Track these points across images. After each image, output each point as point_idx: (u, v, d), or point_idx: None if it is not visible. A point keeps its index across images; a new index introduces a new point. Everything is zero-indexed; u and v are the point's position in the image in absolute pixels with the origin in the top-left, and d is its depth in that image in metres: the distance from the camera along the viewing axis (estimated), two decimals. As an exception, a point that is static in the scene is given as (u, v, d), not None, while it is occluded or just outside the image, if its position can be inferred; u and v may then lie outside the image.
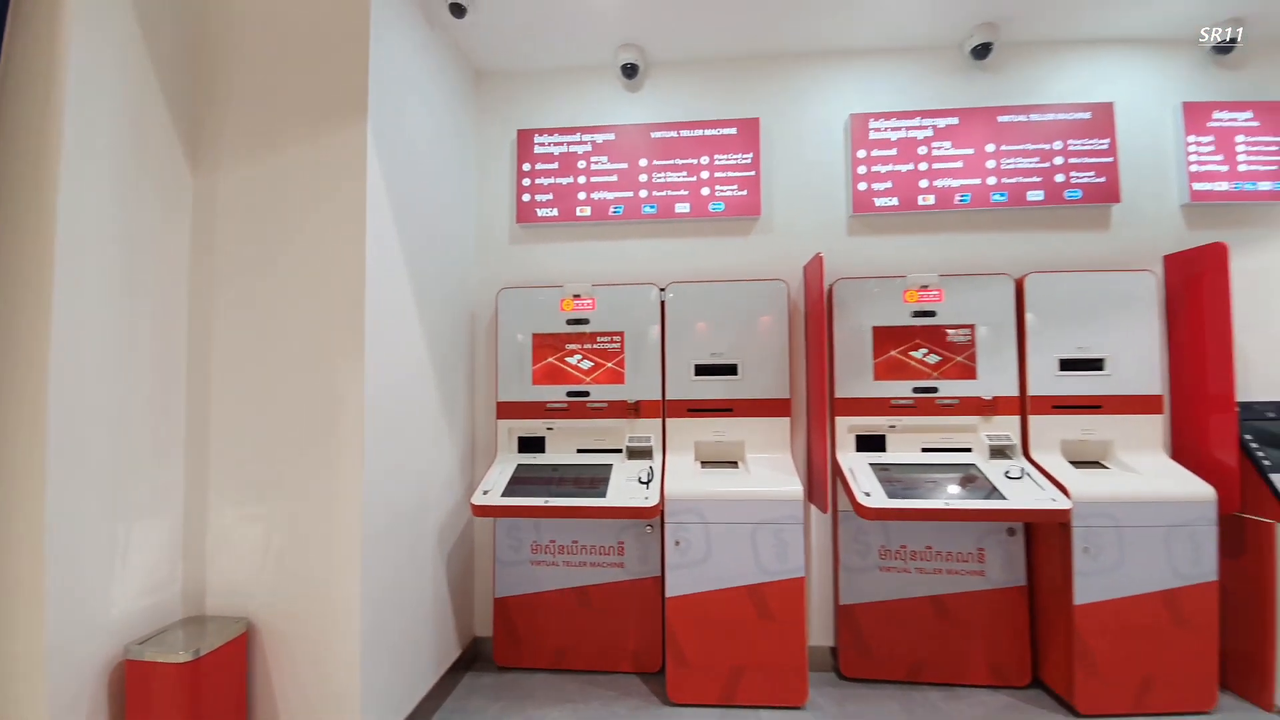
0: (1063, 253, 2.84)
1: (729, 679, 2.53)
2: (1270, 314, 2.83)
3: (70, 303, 1.71)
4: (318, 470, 2.06)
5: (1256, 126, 2.80)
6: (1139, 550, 2.40)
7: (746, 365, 2.85)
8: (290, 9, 2.16)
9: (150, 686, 1.82)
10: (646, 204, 2.97)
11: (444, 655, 2.68)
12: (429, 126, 2.59)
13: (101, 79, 1.83)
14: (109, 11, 1.86)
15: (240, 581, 2.10)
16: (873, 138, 2.89)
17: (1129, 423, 2.68)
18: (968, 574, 2.72)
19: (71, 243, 1.72)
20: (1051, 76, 2.89)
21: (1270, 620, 2.42)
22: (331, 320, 2.06)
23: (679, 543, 2.55)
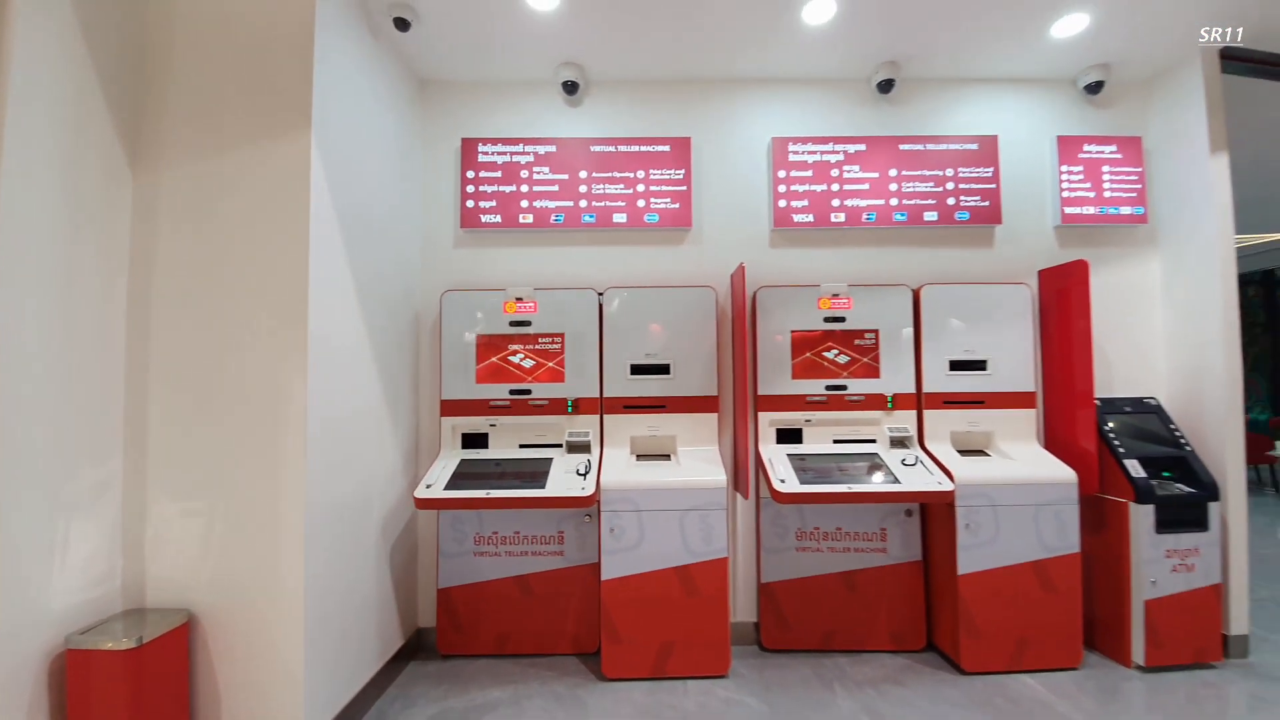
0: (953, 267, 3.21)
1: (659, 653, 2.75)
2: (1130, 322, 3.28)
3: (7, 298, 1.76)
4: (259, 466, 2.15)
5: (1120, 158, 3.24)
6: (1012, 526, 2.76)
7: (678, 365, 3.08)
8: (234, 20, 2.23)
9: (91, 674, 1.88)
10: (586, 213, 3.16)
11: (387, 644, 2.79)
12: (373, 133, 2.70)
13: (43, 78, 1.88)
14: (52, 14, 1.91)
15: (181, 575, 2.16)
16: (792, 159, 3.18)
17: (1007, 416, 3.06)
18: (872, 551, 3.03)
19: (9, 239, 1.77)
20: (946, 111, 3.26)
21: (1125, 587, 2.82)
22: (273, 320, 2.16)
23: (613, 529, 2.75)
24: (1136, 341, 3.26)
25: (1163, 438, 2.98)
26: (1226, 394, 2.91)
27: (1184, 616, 2.76)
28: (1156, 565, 2.75)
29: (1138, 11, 2.71)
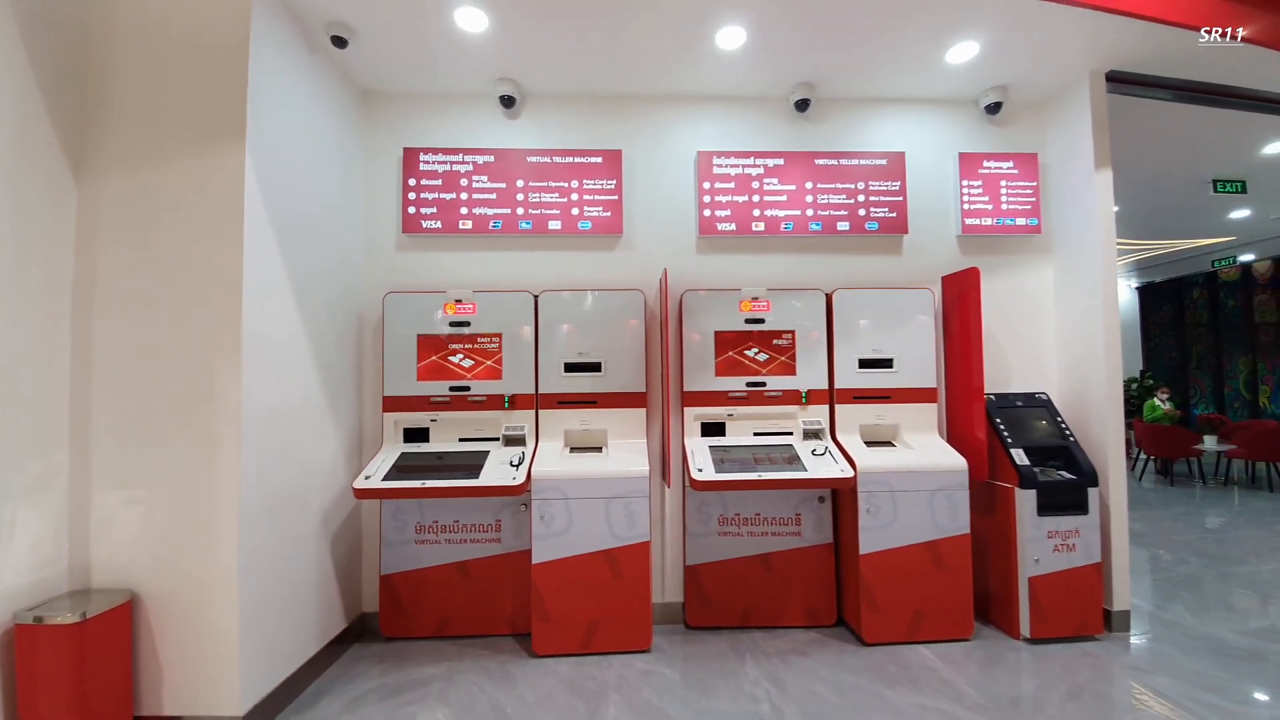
0: (864, 273, 3.47)
1: (586, 631, 2.96)
2: (1027, 324, 3.57)
3: (-43, 304, 1.91)
4: (196, 457, 2.31)
5: (1016, 173, 3.53)
6: (909, 510, 3.03)
7: (609, 363, 3.29)
8: (173, 36, 2.39)
9: (37, 648, 2.03)
10: (523, 220, 3.36)
11: (329, 626, 2.96)
12: (312, 142, 2.87)
13: None
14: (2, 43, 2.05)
15: (124, 558, 2.31)
16: (716, 172, 3.41)
17: (912, 410, 3.33)
18: (788, 535, 3.28)
19: (-41, 250, 1.92)
20: (858, 128, 3.52)
21: (1013, 565, 3.10)
22: (209, 319, 2.32)
23: (543, 516, 2.95)
24: (1032, 342, 3.55)
25: (1050, 429, 3.27)
26: (1107, 390, 3.20)
27: (1066, 592, 3.04)
28: (1039, 545, 3.03)
29: (1022, 41, 2.99)
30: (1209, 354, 14.44)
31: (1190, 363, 14.53)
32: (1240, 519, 5.63)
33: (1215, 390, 14.19)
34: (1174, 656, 2.88)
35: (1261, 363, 13.74)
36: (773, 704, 2.49)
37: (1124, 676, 2.70)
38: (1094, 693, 2.55)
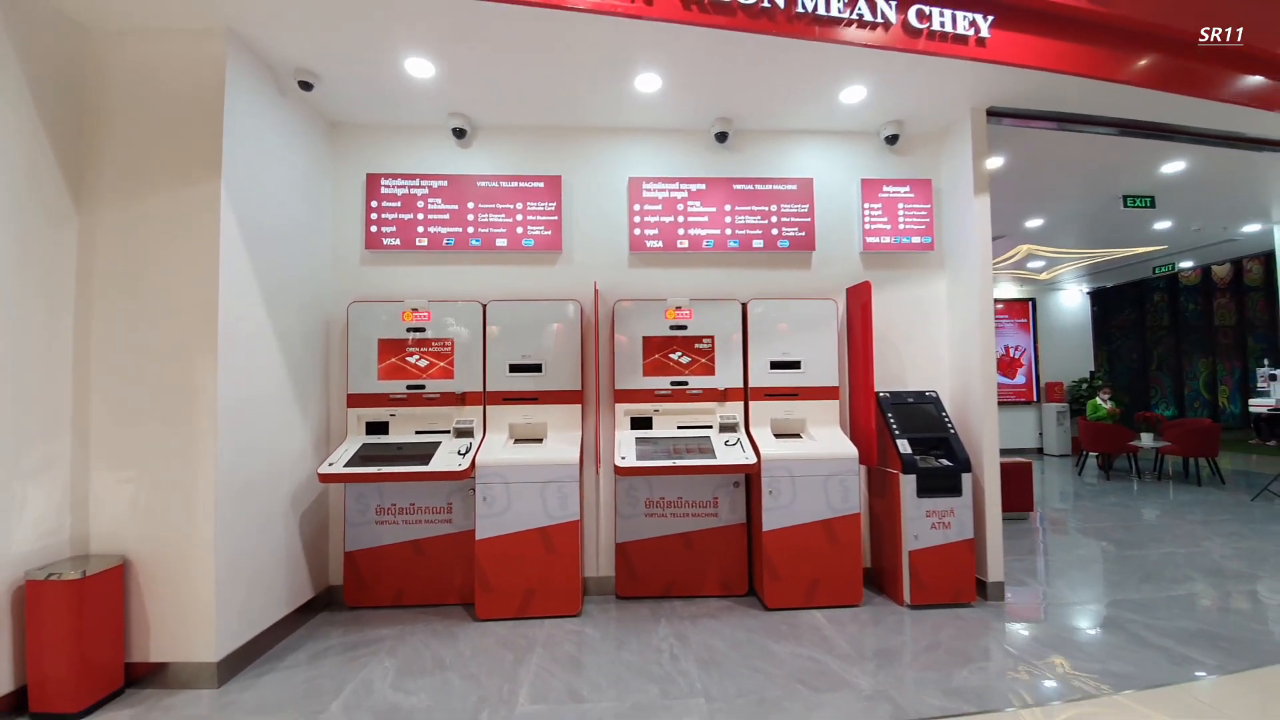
0: (776, 285, 3.92)
1: (523, 598, 3.39)
2: (923, 329, 4.02)
3: (-20, 316, 2.32)
4: (178, 444, 2.73)
5: (911, 197, 3.98)
6: (806, 492, 3.47)
7: (549, 364, 3.72)
8: (158, 83, 2.80)
9: (44, 601, 2.45)
10: (473, 238, 3.79)
11: (297, 594, 3.37)
12: (283, 171, 3.29)
13: (6, 143, 2.44)
14: (13, 93, 2.47)
15: (117, 529, 2.73)
16: (645, 195, 3.85)
17: (817, 406, 3.78)
18: (706, 516, 3.72)
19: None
20: (771, 157, 3.97)
21: (898, 541, 3.55)
22: (190, 327, 2.74)
23: (486, 498, 3.38)
24: (926, 346, 4.01)
25: (935, 423, 3.72)
26: (983, 388, 3.66)
27: (942, 564, 3.50)
28: (919, 523, 3.49)
29: (905, 85, 3.44)
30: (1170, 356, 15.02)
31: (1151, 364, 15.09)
32: (1161, 510, 6.10)
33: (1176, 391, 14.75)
34: (1034, 620, 3.34)
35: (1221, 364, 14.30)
36: (673, 654, 2.93)
37: (981, 635, 3.14)
38: (949, 647, 3.00)
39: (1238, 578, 3.98)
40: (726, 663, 2.83)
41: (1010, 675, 2.69)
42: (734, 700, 2.49)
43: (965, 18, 3.05)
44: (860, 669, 2.76)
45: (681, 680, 2.67)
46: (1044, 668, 2.76)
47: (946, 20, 3.02)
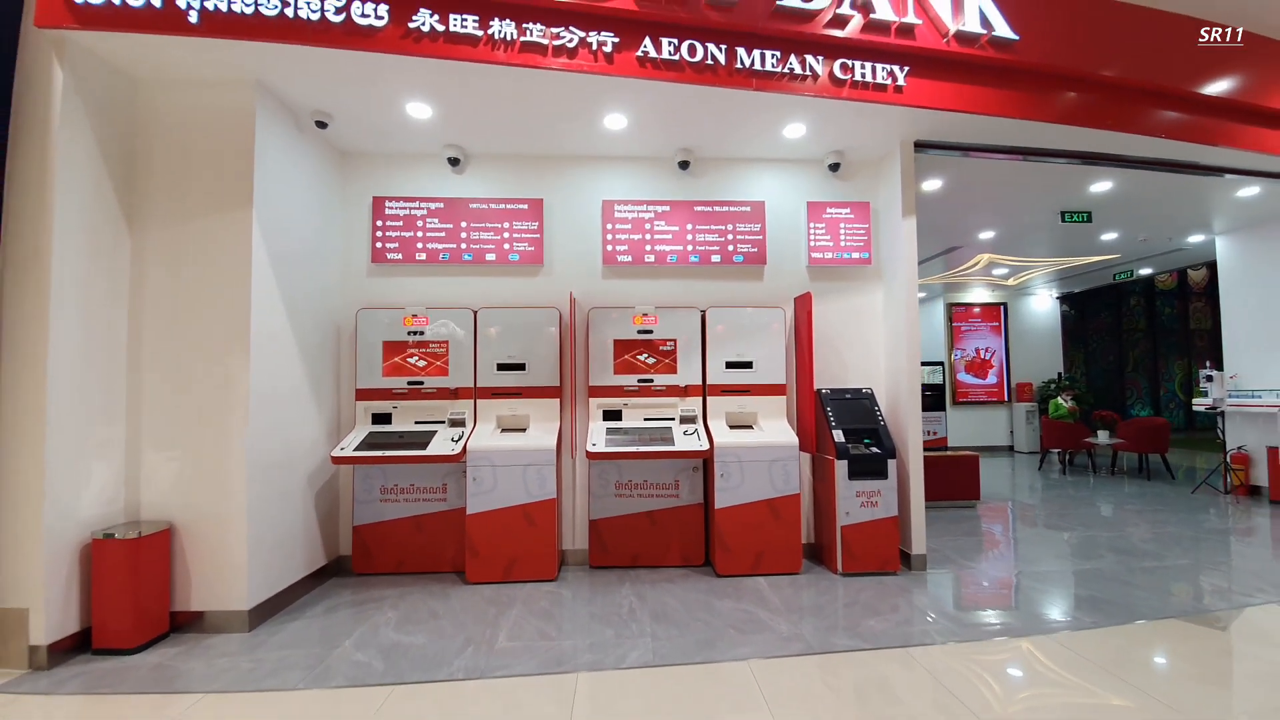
0: (732, 295, 4.46)
1: (507, 565, 3.92)
2: (862, 334, 4.55)
3: (57, 318, 2.87)
4: (215, 430, 3.26)
5: (852, 218, 4.52)
6: (753, 475, 4.00)
7: (532, 364, 4.26)
8: (198, 125, 3.33)
9: (107, 556, 2.98)
10: (466, 253, 4.32)
11: (312, 560, 3.91)
12: (302, 196, 3.83)
13: (75, 169, 2.97)
14: (80, 129, 3.00)
15: (164, 500, 3.26)
16: (617, 216, 4.39)
17: (767, 401, 4.31)
18: (668, 496, 4.25)
19: (58, 278, 2.87)
20: (728, 182, 4.51)
21: (833, 518, 4.08)
22: (225, 331, 3.27)
23: (475, 479, 3.91)
24: (865, 349, 4.54)
25: (868, 416, 4.26)
26: (909, 385, 4.19)
27: (870, 538, 4.03)
28: (850, 502, 4.02)
29: (839, 124, 3.97)
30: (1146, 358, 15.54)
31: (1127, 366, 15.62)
32: (1102, 500, 6.62)
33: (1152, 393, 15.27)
34: (945, 585, 3.88)
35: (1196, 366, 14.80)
36: (631, 609, 3.46)
37: (895, 595, 3.67)
38: (864, 604, 3.53)
39: (1144, 556, 4.51)
40: (675, 615, 3.37)
41: (909, 625, 3.22)
42: (675, 640, 3.03)
43: (884, 69, 3.59)
44: (785, 619, 3.29)
45: (635, 626, 3.21)
46: (941, 620, 3.29)
47: (867, 72, 3.56)
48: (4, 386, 2.87)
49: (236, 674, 2.76)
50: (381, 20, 3.00)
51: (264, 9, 2.91)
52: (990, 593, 3.77)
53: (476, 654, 2.90)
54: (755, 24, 3.36)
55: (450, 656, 2.88)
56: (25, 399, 2.84)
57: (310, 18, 2.95)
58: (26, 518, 2.83)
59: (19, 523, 2.84)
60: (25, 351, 2.85)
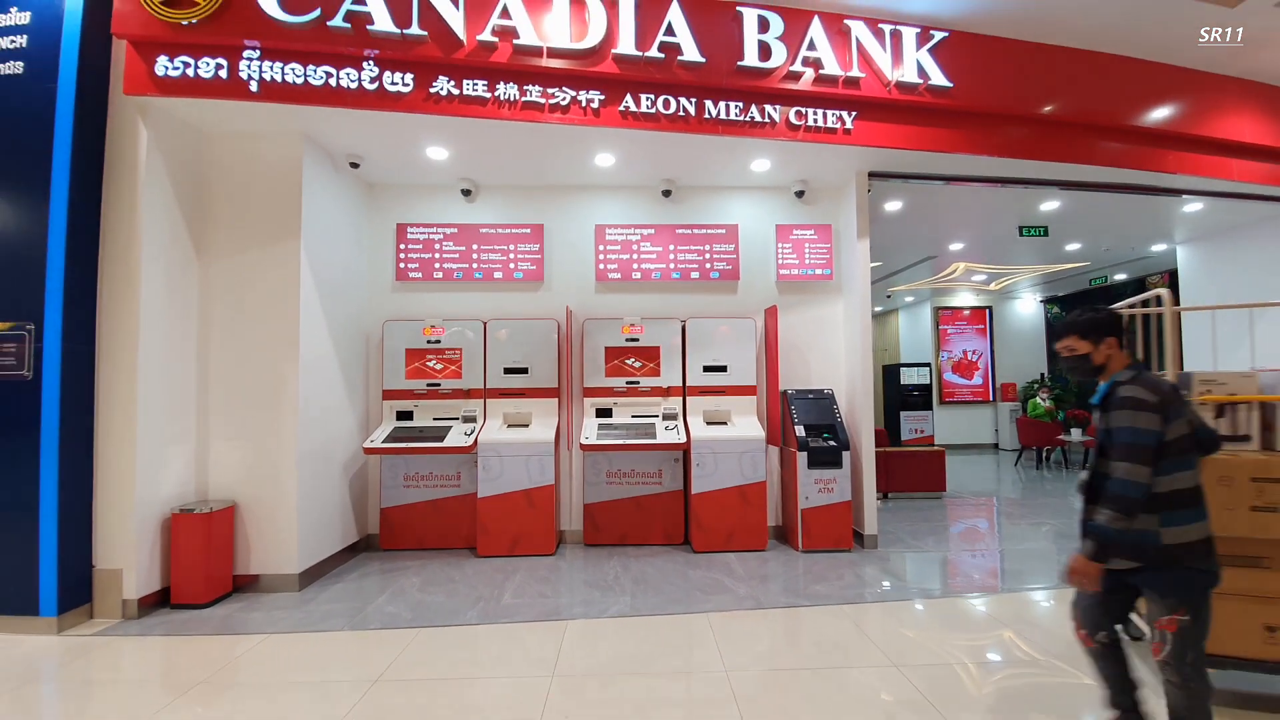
0: (709, 307, 5.08)
1: (512, 541, 4.56)
2: (825, 341, 5.15)
3: (144, 332, 3.54)
4: (270, 425, 3.93)
5: (816, 239, 5.12)
6: (725, 465, 4.62)
7: (534, 368, 4.89)
8: (254, 170, 4.00)
9: (185, 528, 3.65)
10: (476, 271, 4.97)
11: (346, 536, 4.58)
12: (338, 226, 4.50)
13: (156, 210, 3.65)
14: (159, 176, 3.67)
15: (228, 482, 3.93)
16: (608, 238, 5.02)
17: (739, 400, 4.92)
18: (653, 483, 4.88)
19: (146, 298, 3.55)
20: (706, 208, 5.12)
21: (794, 502, 4.68)
22: (278, 339, 3.94)
23: (486, 468, 4.56)
24: (828, 354, 5.14)
25: (827, 414, 4.85)
26: (863, 387, 4.78)
27: (826, 520, 4.63)
28: (809, 488, 4.62)
29: (799, 159, 4.57)
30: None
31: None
32: (1065, 493, 7.13)
33: (1143, 392, 15.60)
34: (890, 560, 4.47)
35: (1186, 367, 15.13)
36: (616, 576, 4.09)
37: (843, 567, 4.27)
38: (815, 573, 4.13)
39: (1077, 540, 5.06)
40: (653, 580, 4.00)
41: (848, 589, 3.82)
42: (649, 599, 3.66)
43: (833, 114, 4.18)
44: (745, 584, 3.91)
45: (617, 588, 3.84)
46: (876, 586, 3.89)
47: (819, 117, 4.15)
48: (102, 389, 3.54)
49: (291, 621, 3.43)
50: (408, 87, 3.64)
51: (312, 79, 3.56)
52: (926, 566, 4.36)
53: (486, 607, 3.55)
54: (720, 80, 3.97)
55: (465, 609, 3.52)
56: (120, 399, 3.51)
57: (350, 85, 3.60)
58: (121, 496, 3.51)
59: (115, 500, 3.51)
60: (121, 360, 3.53)
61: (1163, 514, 1.82)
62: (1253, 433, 2.36)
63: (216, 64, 3.49)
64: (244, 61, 3.51)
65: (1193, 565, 1.81)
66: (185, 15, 3.41)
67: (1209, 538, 1.84)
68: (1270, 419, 2.34)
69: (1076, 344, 2.01)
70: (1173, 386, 1.88)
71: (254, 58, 3.52)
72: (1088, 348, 1.99)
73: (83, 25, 3.48)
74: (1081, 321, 1.99)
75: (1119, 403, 1.85)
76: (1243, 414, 2.31)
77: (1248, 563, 2.29)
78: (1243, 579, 2.29)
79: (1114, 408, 1.86)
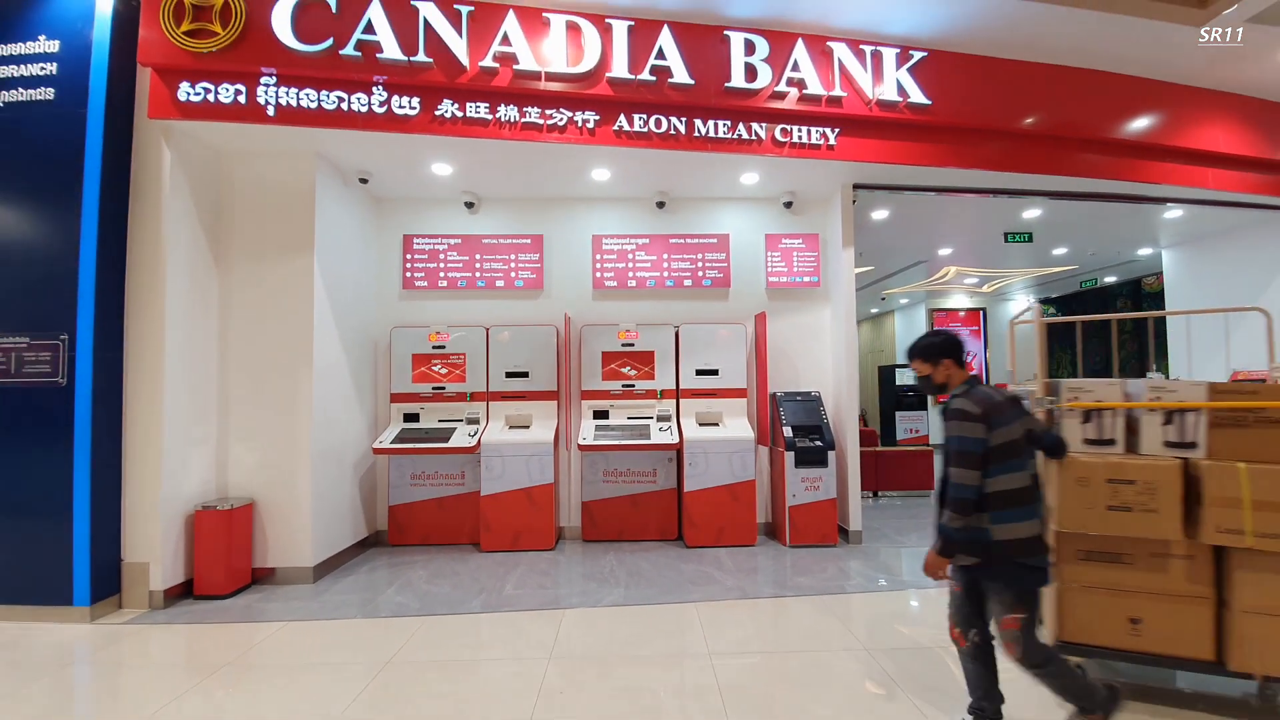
0: (702, 313, 5.31)
1: (514, 537, 4.80)
2: (813, 346, 5.37)
3: (169, 340, 3.79)
4: (286, 427, 4.17)
5: (803, 247, 5.34)
6: (716, 464, 4.84)
7: (534, 372, 5.13)
8: (269, 186, 4.25)
9: (207, 524, 3.90)
10: (479, 280, 5.22)
11: (357, 532, 4.82)
12: (348, 238, 4.74)
13: (179, 226, 3.89)
14: (182, 194, 3.92)
15: (247, 481, 4.18)
16: (605, 248, 5.26)
17: (730, 402, 5.15)
18: (648, 482, 5.11)
19: (171, 305, 3.80)
20: (698, 218, 5.35)
21: (783, 499, 4.91)
22: (293, 347, 4.18)
23: (488, 467, 4.80)
24: (816, 358, 5.37)
25: (814, 415, 5.07)
26: (848, 389, 5.00)
27: (813, 516, 4.85)
28: (796, 486, 4.84)
29: (787, 172, 4.79)
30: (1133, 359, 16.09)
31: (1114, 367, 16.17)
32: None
33: (1139, 391, 15.78)
34: (872, 554, 4.69)
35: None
36: (612, 569, 4.32)
37: (828, 561, 4.49)
38: (800, 566, 4.36)
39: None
40: (646, 573, 4.23)
41: (829, 581, 4.05)
42: (642, 589, 3.89)
43: (817, 131, 4.40)
44: (733, 577, 4.14)
45: (612, 580, 4.07)
46: (857, 578, 4.11)
47: (803, 134, 4.38)
48: (130, 394, 3.79)
49: (307, 610, 3.67)
50: (414, 110, 3.88)
51: (325, 104, 3.81)
52: (906, 560, 4.58)
53: (489, 597, 3.79)
54: (709, 100, 4.19)
55: (469, 599, 3.77)
56: (147, 404, 3.76)
57: (360, 109, 3.84)
58: (148, 494, 3.76)
59: (143, 498, 3.76)
60: (147, 367, 3.78)
61: (992, 513, 2.03)
62: (1117, 437, 2.52)
63: (235, 90, 3.74)
64: (261, 87, 3.75)
65: (1022, 561, 2.00)
66: (206, 45, 3.65)
67: (1039, 535, 2.02)
68: (1134, 424, 2.52)
69: (920, 366, 2.26)
70: (1006, 399, 2.09)
71: (270, 84, 3.76)
72: (929, 369, 2.23)
73: (110, 53, 3.72)
74: (921, 347, 2.24)
75: (949, 414, 2.07)
76: (1108, 420, 2.52)
77: (1111, 559, 2.47)
78: (1107, 574, 2.47)
79: (946, 419, 2.08)
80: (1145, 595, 2.43)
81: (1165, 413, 2.43)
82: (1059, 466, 2.50)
